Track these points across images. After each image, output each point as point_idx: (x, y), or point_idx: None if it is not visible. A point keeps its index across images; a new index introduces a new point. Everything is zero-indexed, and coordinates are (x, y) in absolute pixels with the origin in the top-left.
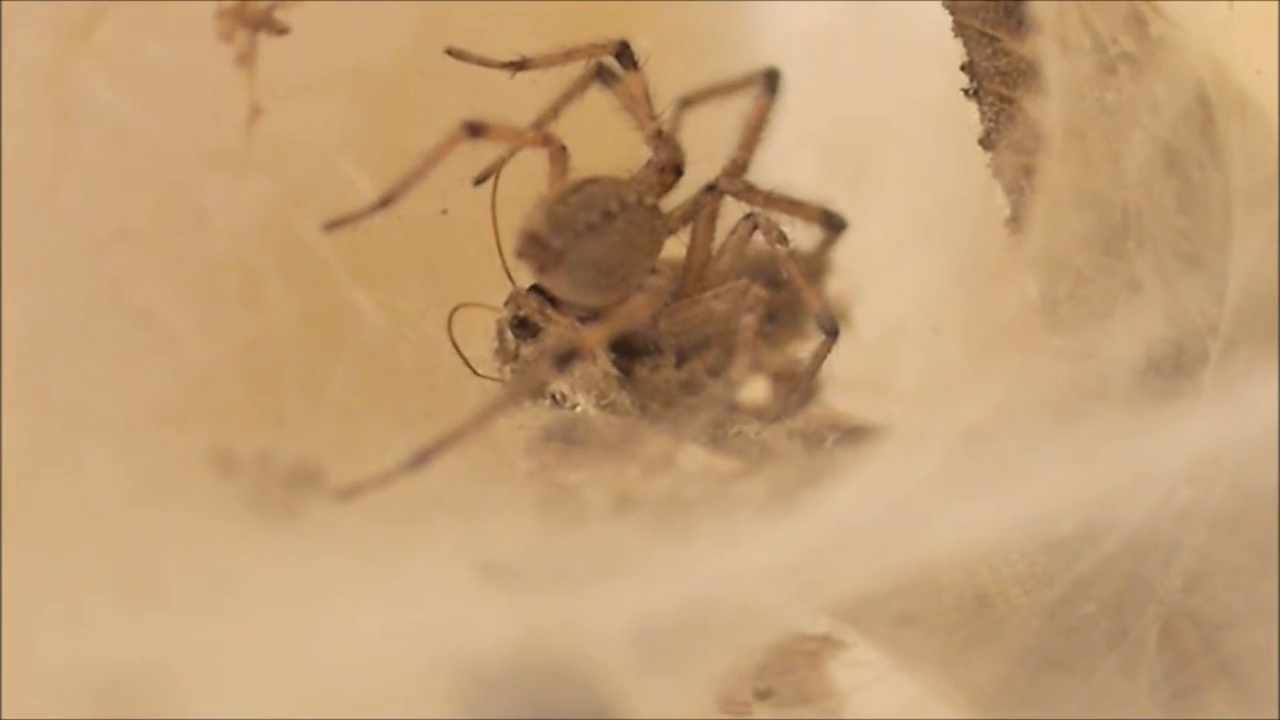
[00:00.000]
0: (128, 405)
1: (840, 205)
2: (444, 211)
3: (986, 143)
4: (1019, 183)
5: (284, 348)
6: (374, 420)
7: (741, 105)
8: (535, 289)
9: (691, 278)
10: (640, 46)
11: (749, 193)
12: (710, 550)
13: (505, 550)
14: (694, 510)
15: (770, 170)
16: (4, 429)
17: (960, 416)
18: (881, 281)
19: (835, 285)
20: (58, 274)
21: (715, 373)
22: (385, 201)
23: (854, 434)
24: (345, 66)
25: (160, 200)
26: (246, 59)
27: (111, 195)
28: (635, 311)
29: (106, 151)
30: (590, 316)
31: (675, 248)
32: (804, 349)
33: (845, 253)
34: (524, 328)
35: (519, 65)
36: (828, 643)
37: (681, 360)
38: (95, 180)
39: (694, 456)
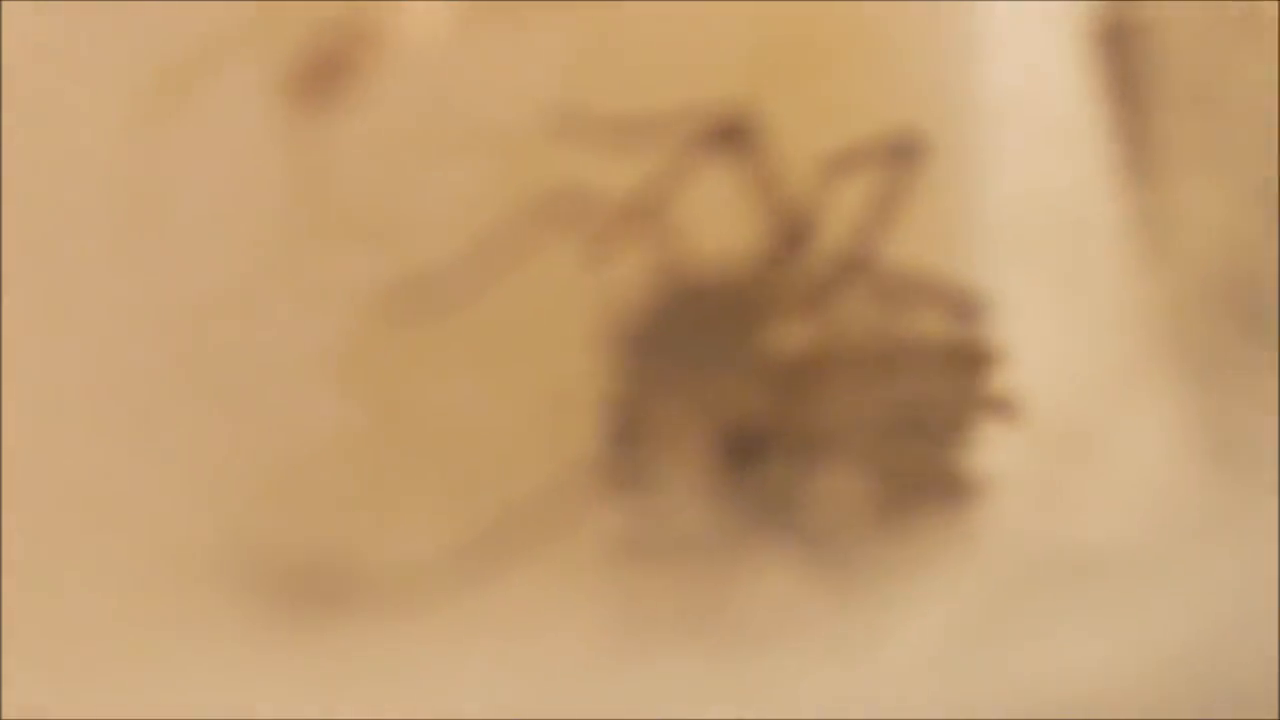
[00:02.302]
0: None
1: (993, 286)
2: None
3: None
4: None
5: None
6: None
7: (876, 178)
8: (637, 380)
9: (814, 367)
10: (778, 114)
11: (877, 271)
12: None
13: (575, 675)
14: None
15: (905, 251)
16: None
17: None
18: (1049, 372)
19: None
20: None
21: (836, 477)
22: (468, 279)
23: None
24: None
25: (256, 270)
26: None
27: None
28: (747, 397)
29: (200, 218)
30: (695, 409)
31: (798, 334)
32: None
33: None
34: (624, 423)
35: (634, 130)
36: None
37: (795, 462)
38: (189, 248)
39: (789, 571)
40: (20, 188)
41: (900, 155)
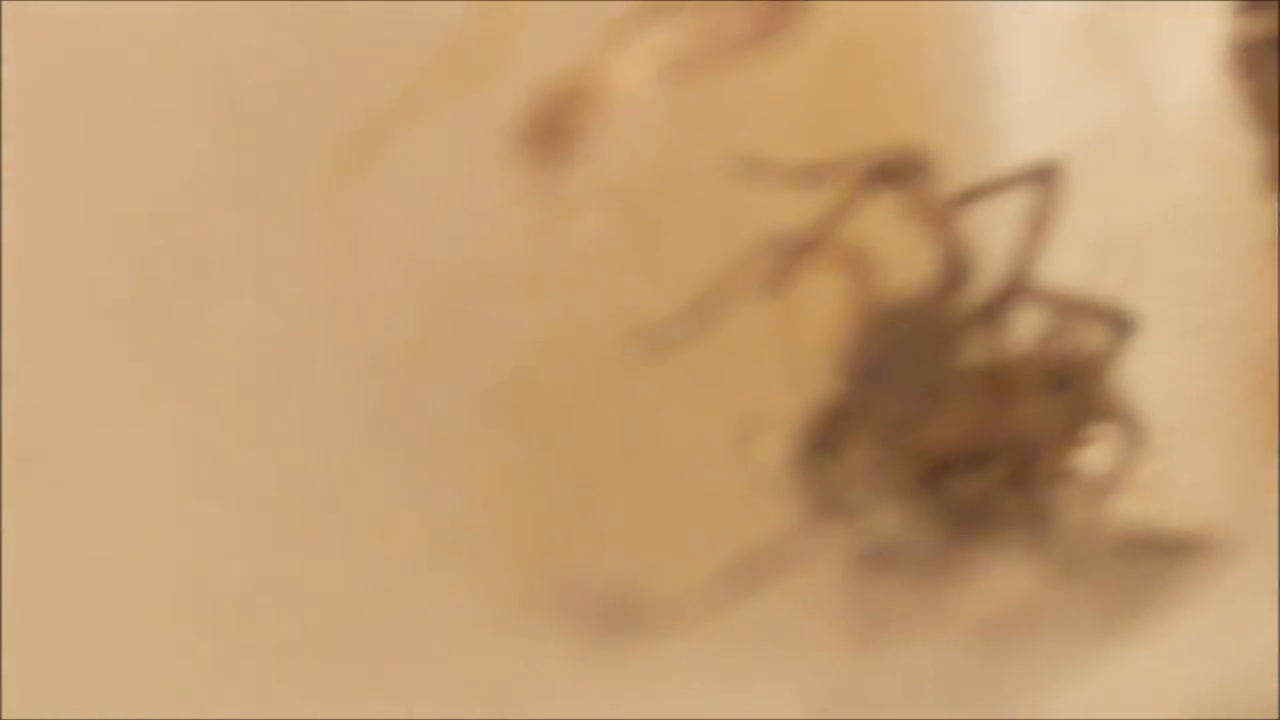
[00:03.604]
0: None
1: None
2: (737, 325)
3: None
4: None
5: (588, 473)
6: (677, 546)
7: (1021, 204)
8: (835, 404)
9: (989, 384)
10: (921, 149)
11: (1038, 293)
12: (1040, 678)
13: (832, 681)
14: (1015, 634)
15: (1046, 274)
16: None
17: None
18: (1170, 385)
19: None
20: (332, 394)
21: (1017, 483)
22: (692, 322)
23: (1167, 546)
24: (612, 179)
25: (436, 319)
26: (546, 175)
27: (387, 313)
28: (941, 418)
29: (381, 268)
30: (895, 428)
31: (972, 354)
32: (1102, 456)
33: (1132, 358)
34: (823, 444)
35: (811, 175)
36: None
37: (981, 471)
38: (371, 298)
39: (1011, 577)
40: (227, 237)
41: (1041, 180)
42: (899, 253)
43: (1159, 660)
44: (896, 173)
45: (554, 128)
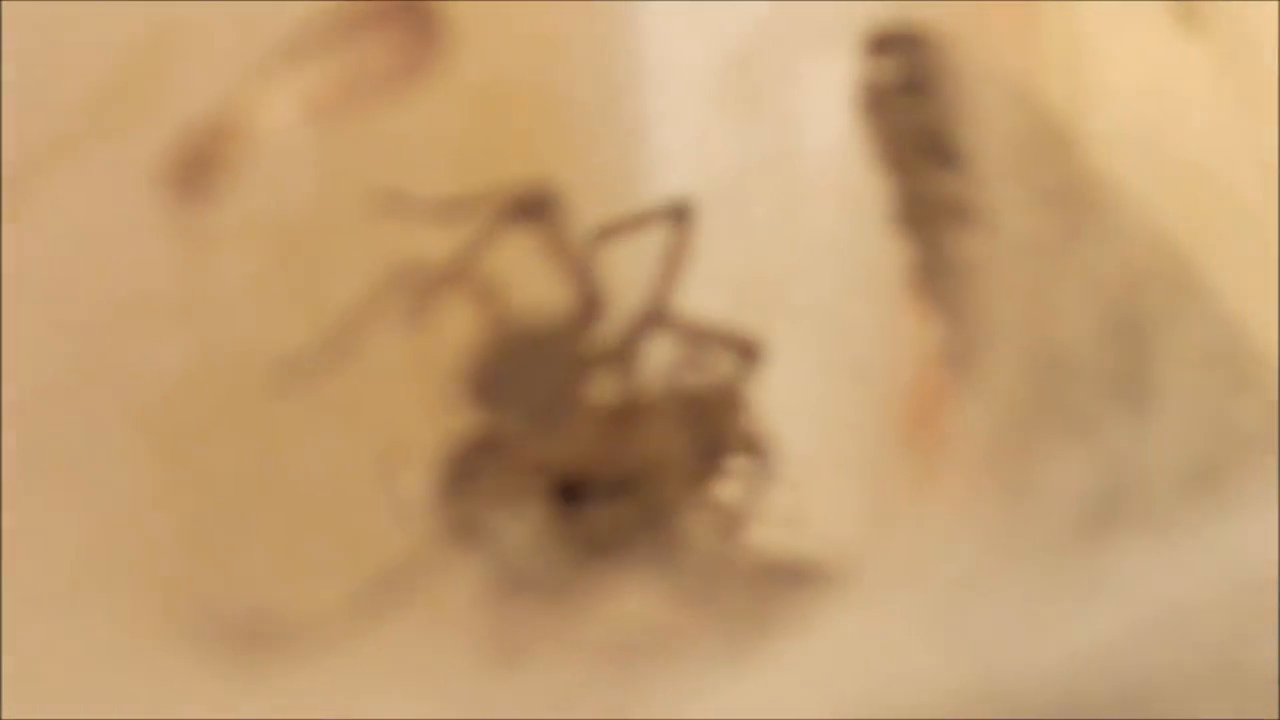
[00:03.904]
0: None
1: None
2: (376, 355)
3: (915, 276)
4: (949, 317)
5: (230, 497)
6: (322, 568)
7: (657, 240)
8: (471, 432)
9: (622, 414)
10: (560, 187)
11: (671, 324)
12: (660, 701)
13: (460, 703)
14: (644, 658)
15: (685, 309)
16: None
17: (902, 557)
18: (810, 419)
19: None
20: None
21: (649, 511)
22: (329, 352)
23: (794, 575)
24: (261, 213)
25: (86, 353)
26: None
27: (36, 346)
28: (576, 444)
29: (33, 304)
30: (529, 457)
31: (605, 385)
32: (733, 485)
33: (769, 390)
34: (460, 471)
35: (447, 210)
36: None
37: (615, 500)
38: (21, 331)
39: (641, 601)
40: None
41: (676, 217)
42: (535, 287)
43: (789, 685)
44: (532, 209)
45: (200, 166)
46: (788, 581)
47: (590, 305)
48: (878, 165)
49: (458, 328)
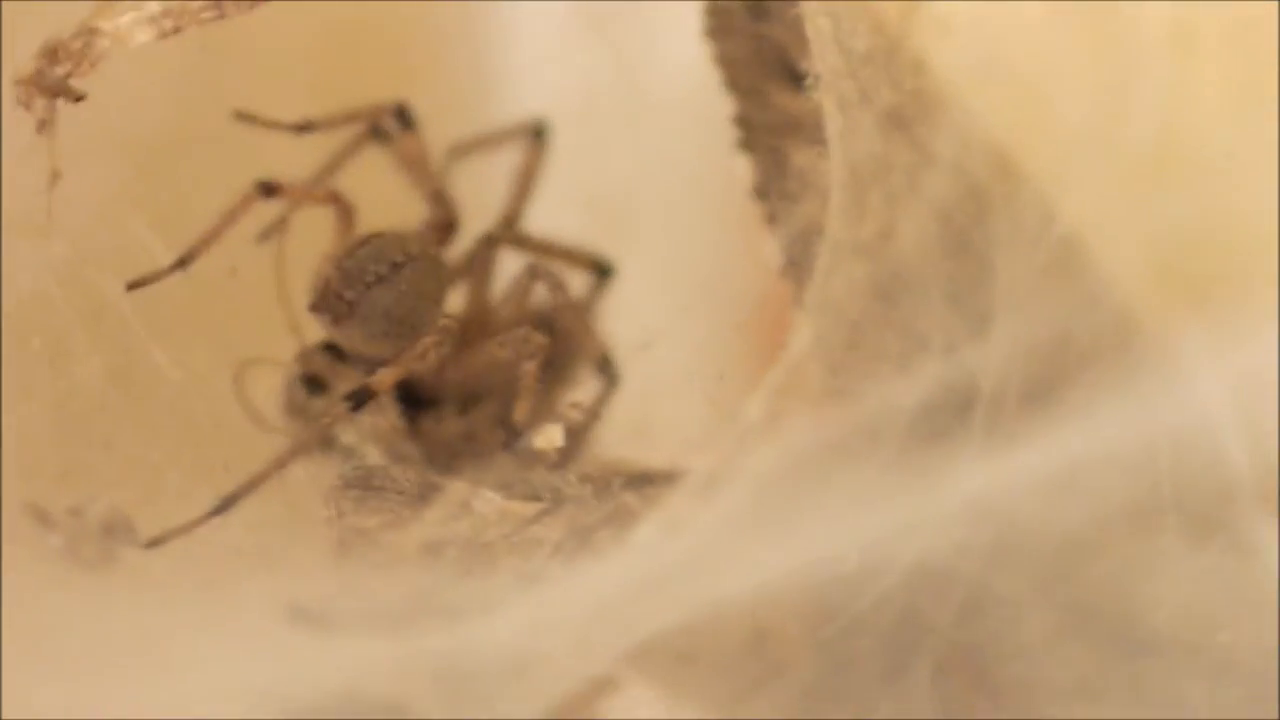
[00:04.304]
0: None
1: (610, 258)
2: (233, 270)
3: (759, 193)
4: (791, 232)
5: (89, 404)
6: (176, 472)
7: (511, 158)
8: (324, 345)
9: (474, 327)
10: (415, 106)
11: (523, 242)
12: (511, 591)
13: (311, 595)
14: (494, 552)
15: (537, 226)
16: None
17: (746, 461)
18: (661, 332)
19: (611, 334)
20: None
21: (498, 421)
22: (183, 262)
23: (641, 479)
24: (122, 132)
25: None
26: (46, 125)
27: None
28: (423, 352)
29: None
30: (381, 368)
31: (458, 299)
32: (582, 396)
33: (620, 304)
34: (313, 383)
35: (303, 128)
36: (607, 683)
37: (465, 410)
38: None
39: (490, 501)
40: None
41: (530, 136)
42: (389, 203)
43: (631, 587)
44: (387, 127)
45: (56, 84)
46: (636, 487)
47: (444, 222)
48: (724, 86)
49: (313, 244)
